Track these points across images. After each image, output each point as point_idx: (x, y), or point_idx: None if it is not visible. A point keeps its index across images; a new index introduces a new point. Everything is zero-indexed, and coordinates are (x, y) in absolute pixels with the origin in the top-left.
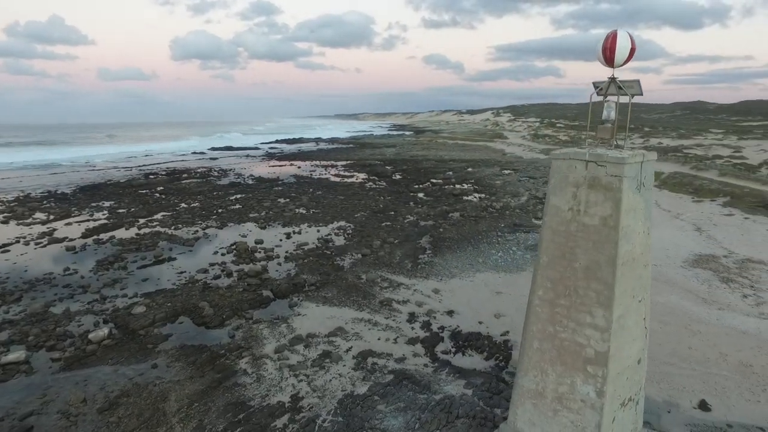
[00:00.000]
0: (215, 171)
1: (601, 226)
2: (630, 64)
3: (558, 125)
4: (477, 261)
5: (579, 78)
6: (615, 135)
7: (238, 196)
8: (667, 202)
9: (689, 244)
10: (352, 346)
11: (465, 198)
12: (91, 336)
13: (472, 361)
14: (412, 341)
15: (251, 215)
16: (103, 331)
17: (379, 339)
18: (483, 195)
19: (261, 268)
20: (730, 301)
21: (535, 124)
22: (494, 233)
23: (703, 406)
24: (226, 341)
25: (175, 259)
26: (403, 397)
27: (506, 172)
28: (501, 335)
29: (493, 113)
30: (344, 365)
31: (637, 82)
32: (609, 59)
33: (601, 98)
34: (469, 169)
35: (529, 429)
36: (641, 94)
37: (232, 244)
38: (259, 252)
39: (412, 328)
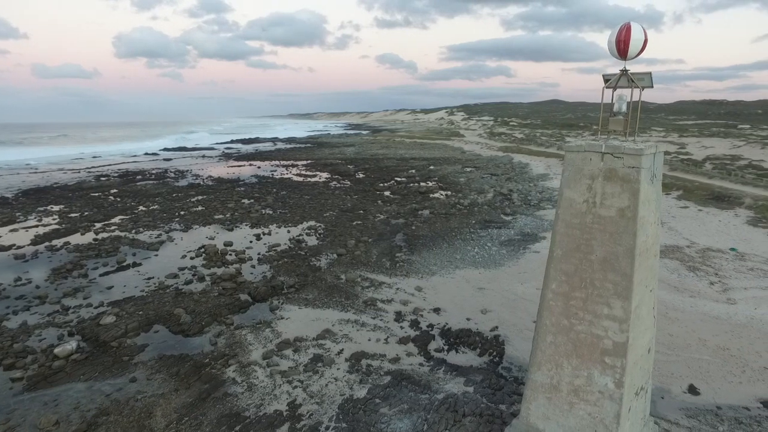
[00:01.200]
0: (171, 172)
1: (618, 218)
2: (577, 63)
3: (512, 123)
4: (455, 258)
5: (529, 78)
6: (628, 127)
7: (200, 197)
8: None
9: None
10: (343, 349)
11: (432, 195)
12: (56, 351)
13: (467, 358)
14: (403, 341)
15: (216, 217)
16: (71, 344)
17: (369, 340)
18: (449, 192)
19: (235, 271)
20: (699, 288)
21: (490, 123)
22: (467, 230)
23: (693, 390)
24: (209, 349)
25: (140, 264)
26: (405, 399)
27: (468, 169)
28: (491, 331)
29: (447, 112)
30: (338, 368)
31: (649, 74)
32: (622, 52)
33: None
34: (432, 167)
35: (543, 424)
36: (652, 87)
37: (200, 247)
38: (230, 254)
39: (401, 327)
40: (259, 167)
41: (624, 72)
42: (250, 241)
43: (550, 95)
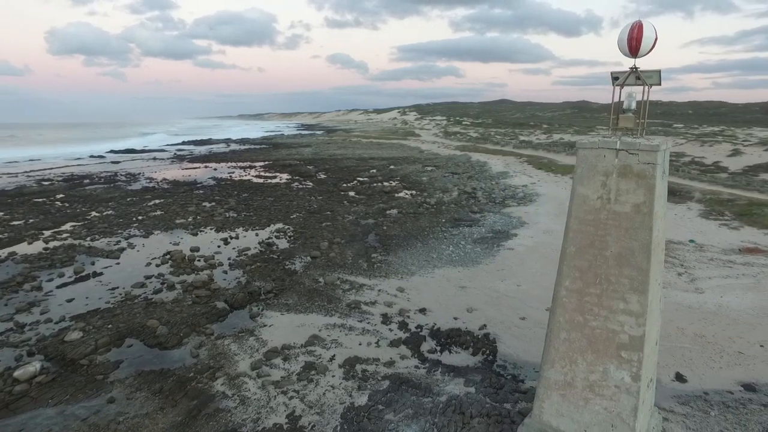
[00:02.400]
0: (122, 175)
1: (633, 214)
2: (523, 65)
3: (464, 123)
4: (431, 257)
5: (477, 78)
6: (639, 124)
7: (157, 201)
8: None
9: None
10: (334, 355)
11: (397, 195)
12: (17, 374)
13: (461, 358)
14: (394, 343)
15: (178, 221)
16: (33, 366)
17: (360, 344)
18: (414, 192)
19: (207, 278)
20: (669, 279)
21: (443, 122)
22: (438, 228)
23: (680, 378)
24: (191, 362)
25: (101, 274)
26: (408, 403)
27: (429, 168)
28: (479, 329)
29: (399, 112)
30: (333, 375)
31: (658, 72)
32: (634, 49)
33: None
34: (392, 167)
35: (557, 421)
36: (659, 84)
37: (165, 254)
38: (199, 260)
39: (390, 330)
40: (215, 169)
41: (634, 70)
42: (218, 246)
43: (499, 95)
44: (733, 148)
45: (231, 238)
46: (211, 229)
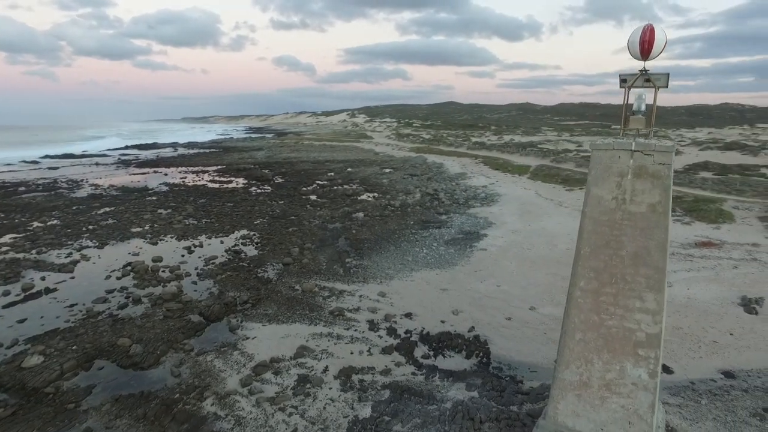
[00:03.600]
0: (62, 182)
1: (649, 213)
2: (469, 67)
3: (415, 125)
4: (406, 260)
5: (424, 80)
6: (650, 125)
7: (107, 209)
8: (545, 192)
9: None
10: (327, 366)
11: (360, 198)
12: None
13: (456, 362)
14: (386, 350)
15: (134, 230)
16: None
17: (351, 353)
18: (376, 194)
19: (176, 290)
20: None
21: (394, 125)
22: (407, 231)
23: (667, 369)
24: (173, 382)
25: (55, 290)
26: (414, 412)
27: (386, 170)
28: (469, 332)
29: (348, 114)
30: (330, 388)
31: (667, 75)
32: (646, 52)
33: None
34: (349, 170)
35: (573, 421)
36: (666, 86)
37: (125, 265)
38: (163, 271)
39: (380, 337)
40: (166, 174)
41: (644, 72)
42: (182, 255)
43: (446, 97)
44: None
45: (195, 246)
46: (171, 237)
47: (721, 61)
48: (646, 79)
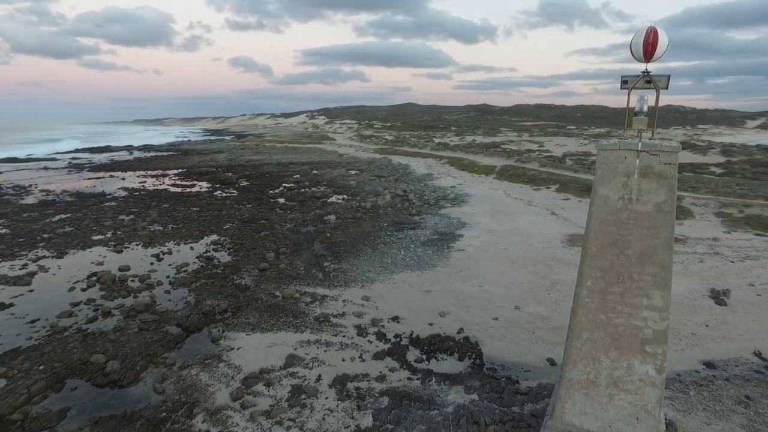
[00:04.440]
0: (8, 188)
1: (655, 212)
2: (426, 69)
3: (376, 126)
4: (385, 263)
5: (382, 82)
6: (653, 126)
7: (63, 216)
8: (513, 192)
9: (555, 226)
10: (320, 374)
11: (329, 200)
12: None
13: (449, 364)
14: (378, 356)
15: (95, 238)
16: None
17: (343, 360)
18: (345, 196)
19: (149, 300)
20: None
21: (355, 126)
22: (382, 233)
23: None
24: (157, 399)
25: (12, 305)
26: (417, 419)
27: (352, 172)
28: (458, 333)
29: (308, 116)
30: (326, 397)
31: (668, 77)
32: (649, 54)
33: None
34: (315, 172)
35: (581, 420)
36: (667, 88)
37: (90, 275)
38: (132, 281)
39: (369, 342)
40: (123, 179)
41: (646, 74)
42: (151, 263)
43: (404, 99)
44: None
45: (163, 253)
46: (137, 244)
47: (663, 66)
48: (647, 80)
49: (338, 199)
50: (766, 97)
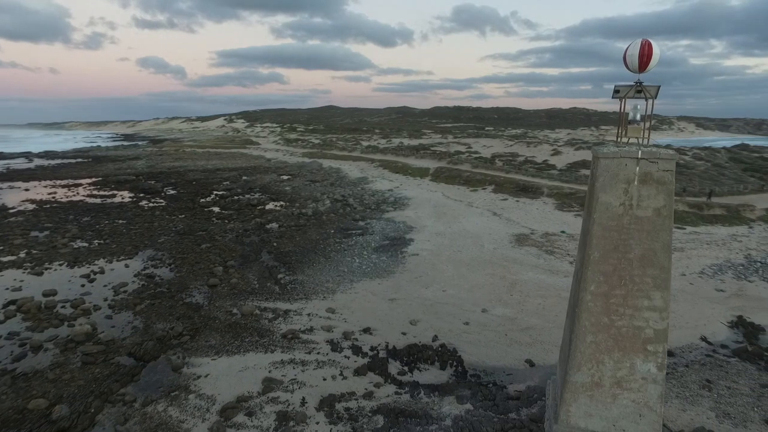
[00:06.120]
0: None
1: (655, 217)
2: (345, 72)
3: (299, 129)
4: (342, 271)
5: (301, 85)
6: (647, 134)
7: None
8: (452, 194)
9: (500, 227)
10: (304, 397)
11: (267, 208)
12: None
13: (434, 374)
14: (359, 371)
15: (5, 259)
16: None
17: (324, 379)
18: (283, 203)
19: (90, 328)
20: (565, 268)
21: (277, 129)
22: (331, 240)
23: None
24: None
25: None
26: None
27: (285, 177)
28: (433, 341)
29: (226, 119)
30: (316, 422)
31: (658, 87)
32: (644, 65)
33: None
34: (245, 178)
35: (586, 421)
36: (655, 98)
37: (6, 304)
38: (63, 306)
39: (346, 357)
40: (27, 189)
41: (638, 84)
42: (82, 285)
43: (325, 101)
44: (553, 149)
45: (94, 273)
46: (60, 264)
47: (566, 71)
48: (638, 90)
49: (276, 206)
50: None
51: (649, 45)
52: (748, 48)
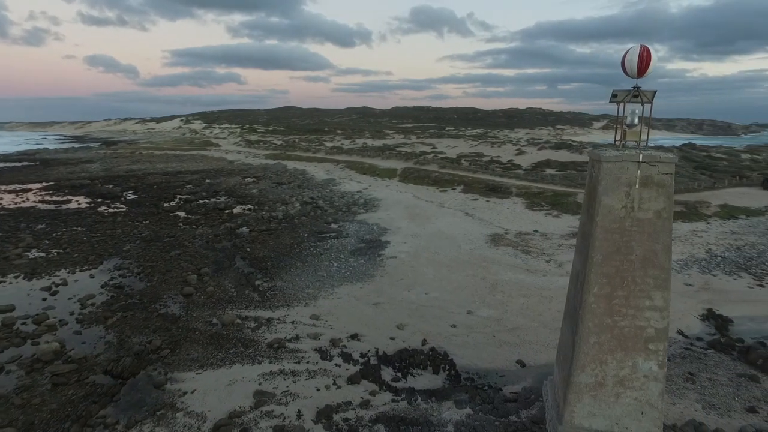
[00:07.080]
0: None
1: (655, 219)
2: (304, 72)
3: (259, 130)
4: (321, 276)
5: (259, 85)
6: (646, 137)
7: None
8: (422, 194)
9: (473, 228)
10: (299, 409)
11: (235, 212)
12: None
13: (428, 379)
14: (353, 380)
15: None
16: None
17: (318, 389)
18: (251, 206)
19: (58, 346)
20: (543, 267)
21: (237, 131)
22: (305, 244)
23: None
24: None
25: None
26: None
27: (250, 180)
28: (423, 345)
29: (182, 120)
30: None
31: (654, 91)
32: (642, 70)
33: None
34: (209, 181)
35: (589, 421)
36: (650, 103)
37: None
38: (24, 323)
39: (337, 365)
40: None
41: (636, 89)
42: (43, 299)
43: (283, 102)
44: (517, 148)
45: (56, 285)
46: (15, 276)
47: (522, 72)
48: (634, 95)
49: (244, 209)
50: (602, 102)
51: (648, 51)
52: (686, 52)
